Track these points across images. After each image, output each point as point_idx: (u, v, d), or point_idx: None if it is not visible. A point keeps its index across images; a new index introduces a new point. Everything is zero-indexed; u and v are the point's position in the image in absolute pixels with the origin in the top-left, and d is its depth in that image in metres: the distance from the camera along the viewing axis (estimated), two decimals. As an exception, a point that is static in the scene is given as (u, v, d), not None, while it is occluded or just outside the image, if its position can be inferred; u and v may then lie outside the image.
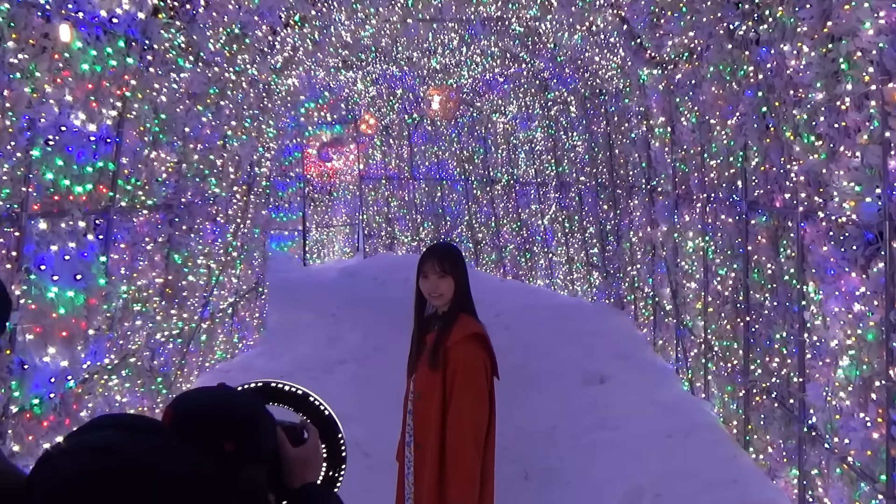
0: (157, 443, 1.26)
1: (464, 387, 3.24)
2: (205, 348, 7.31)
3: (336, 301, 11.78)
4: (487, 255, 14.16)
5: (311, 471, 1.59)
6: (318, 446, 1.64)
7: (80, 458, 1.20)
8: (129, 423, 1.29)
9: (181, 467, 1.23)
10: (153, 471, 1.20)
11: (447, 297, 3.38)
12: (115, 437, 1.24)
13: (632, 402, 6.46)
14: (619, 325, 9.12)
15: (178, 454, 1.25)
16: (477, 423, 3.24)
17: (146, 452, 1.22)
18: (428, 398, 3.31)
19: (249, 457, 1.36)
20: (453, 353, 3.28)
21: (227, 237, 7.66)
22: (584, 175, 10.64)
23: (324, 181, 16.71)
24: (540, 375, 7.62)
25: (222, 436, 1.33)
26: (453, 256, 3.43)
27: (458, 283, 3.38)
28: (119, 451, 1.21)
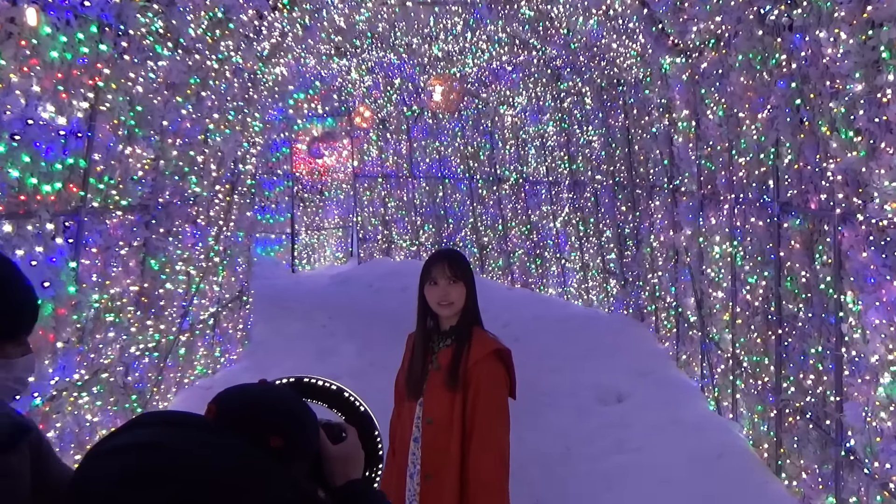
0: (205, 438, 1.34)
1: (488, 410, 3.19)
2: (183, 363, 7.32)
3: (328, 311, 11.78)
4: (494, 261, 14.16)
5: (354, 468, 1.69)
6: (358, 444, 1.73)
7: (130, 455, 1.28)
8: (174, 420, 1.38)
9: (232, 461, 1.31)
10: (205, 465, 1.28)
11: (458, 306, 3.34)
12: (163, 433, 1.33)
13: (652, 423, 6.46)
14: (639, 339, 9.12)
15: (228, 448, 1.33)
16: (505, 451, 3.20)
17: (197, 447, 1.30)
18: (444, 424, 3.24)
19: (295, 453, 1.46)
20: (475, 372, 3.22)
21: (208, 241, 7.67)
22: (599, 173, 10.65)
23: (314, 179, 16.73)
24: (552, 393, 7.62)
25: (269, 430, 1.43)
26: (463, 261, 3.42)
27: (469, 290, 3.36)
28: (169, 447, 1.29)
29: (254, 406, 1.49)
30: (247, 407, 1.48)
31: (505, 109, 13.23)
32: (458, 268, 3.34)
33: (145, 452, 1.29)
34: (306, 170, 16.65)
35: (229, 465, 1.31)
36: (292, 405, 1.54)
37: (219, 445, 1.34)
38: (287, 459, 1.43)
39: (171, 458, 1.29)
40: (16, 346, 1.75)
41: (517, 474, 5.81)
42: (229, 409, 1.47)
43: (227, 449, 1.34)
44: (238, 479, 1.30)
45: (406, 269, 13.80)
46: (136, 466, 1.27)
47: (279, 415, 1.49)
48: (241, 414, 1.45)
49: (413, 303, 3.56)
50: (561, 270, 12.42)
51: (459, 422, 3.21)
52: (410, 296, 3.59)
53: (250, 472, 1.32)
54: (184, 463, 1.28)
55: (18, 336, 1.75)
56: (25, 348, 1.77)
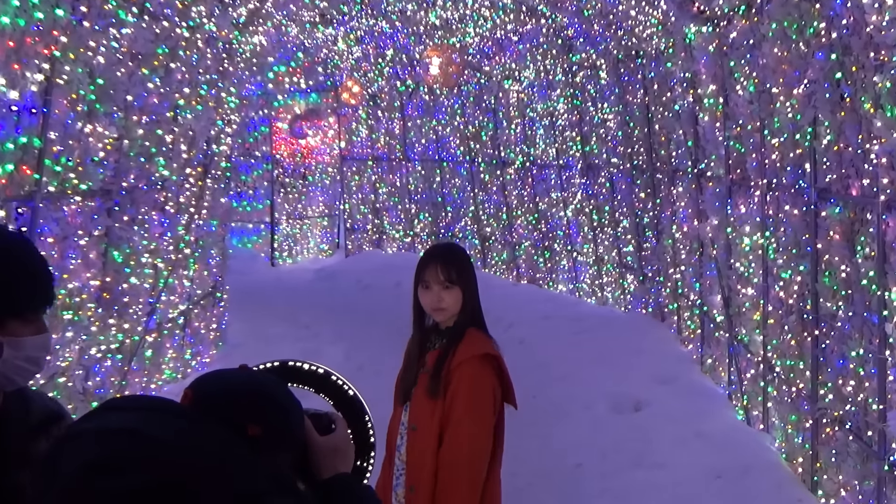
0: (180, 424, 1.41)
1: (463, 416, 3.24)
2: (150, 366, 7.32)
3: (311, 309, 11.78)
4: (497, 255, 14.17)
5: (342, 461, 1.76)
6: (347, 436, 1.80)
7: (101, 439, 1.36)
8: (148, 405, 1.46)
9: (207, 449, 1.38)
10: (179, 453, 1.35)
11: (452, 310, 3.39)
12: (137, 418, 1.40)
13: (674, 435, 6.47)
14: (659, 341, 9.13)
15: (206, 436, 1.41)
16: (474, 463, 3.23)
17: (171, 434, 1.38)
18: (424, 431, 3.30)
19: (276, 443, 1.54)
20: (456, 375, 3.28)
21: (177, 230, 7.67)
22: (616, 156, 10.65)
23: (297, 162, 16.72)
24: (561, 402, 7.62)
25: (247, 418, 1.50)
26: (460, 260, 3.44)
27: (466, 293, 3.39)
28: (143, 433, 1.36)
29: (231, 392, 1.55)
30: (224, 393, 1.55)
31: (510, 84, 13.22)
32: (454, 269, 3.38)
33: (118, 437, 1.36)
34: (288, 151, 16.63)
35: (204, 452, 1.38)
36: (274, 392, 1.60)
37: (194, 432, 1.41)
38: (266, 449, 1.50)
39: (145, 444, 1.35)
40: (24, 324, 1.85)
41: (523, 492, 5.84)
42: (206, 394, 1.54)
43: (202, 436, 1.41)
44: (212, 468, 1.36)
45: (399, 262, 13.79)
46: (107, 451, 1.33)
47: (259, 402, 1.56)
48: (218, 400, 1.53)
49: (407, 300, 3.57)
50: (572, 265, 12.42)
51: (437, 430, 3.26)
52: (404, 292, 3.60)
53: (225, 461, 1.39)
54: (157, 450, 1.34)
55: (24, 313, 1.85)
56: (36, 327, 1.87)
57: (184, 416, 1.46)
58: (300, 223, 16.80)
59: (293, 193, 16.67)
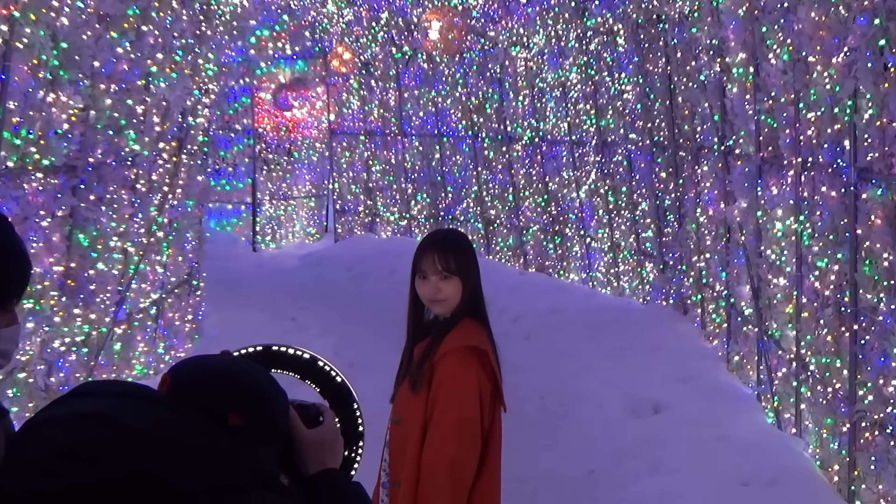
0: (157, 412, 1.45)
1: (443, 415, 3.29)
2: (119, 361, 7.33)
3: (297, 300, 11.78)
4: (502, 240, 14.17)
5: (329, 455, 1.80)
6: (335, 429, 1.84)
7: (72, 426, 1.37)
8: (122, 391, 1.49)
9: (188, 440, 1.41)
10: (155, 442, 1.38)
11: (452, 303, 3.44)
12: (110, 404, 1.43)
13: (696, 440, 6.49)
14: (681, 336, 9.15)
15: (183, 426, 1.44)
16: (457, 464, 3.27)
17: (149, 423, 1.41)
18: (407, 425, 3.39)
19: (259, 435, 1.57)
20: (439, 368, 3.34)
21: (149, 211, 7.67)
22: (634, 131, 10.64)
23: (281, 137, 16.70)
24: (572, 403, 7.63)
25: (228, 407, 1.54)
26: (461, 248, 3.48)
27: (467, 284, 3.43)
28: (117, 420, 1.39)
29: (212, 379, 1.60)
30: (204, 380, 1.60)
31: (518, 52, 13.18)
32: (452, 259, 3.41)
33: (89, 424, 1.38)
34: (271, 125, 16.60)
35: (181, 443, 1.40)
36: (257, 380, 1.64)
37: (171, 421, 1.44)
38: (249, 441, 1.53)
39: (119, 431, 1.37)
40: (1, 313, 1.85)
41: (529, 500, 5.86)
42: (185, 381, 1.58)
43: (179, 426, 1.44)
44: (190, 460, 1.39)
45: (394, 248, 13.79)
46: (77, 438, 1.36)
47: (241, 390, 1.60)
48: (198, 388, 1.57)
49: (403, 289, 3.59)
50: (585, 251, 12.42)
51: (420, 425, 3.33)
52: (399, 281, 3.62)
53: (203, 453, 1.42)
54: (132, 438, 1.37)
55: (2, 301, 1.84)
56: (11, 318, 1.86)
57: (160, 404, 1.49)
58: (285, 204, 16.78)
59: (277, 171, 16.65)
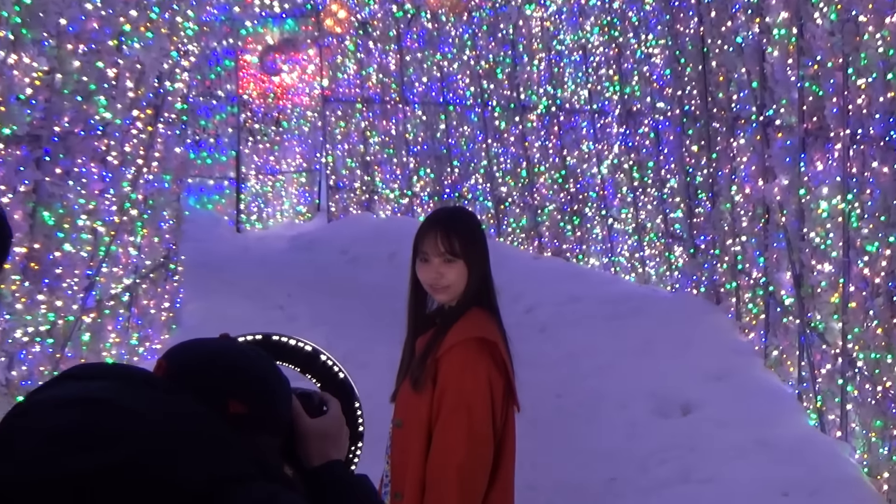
0: (156, 396, 1.49)
1: (452, 414, 3.29)
2: (88, 353, 7.33)
3: (286, 286, 11.79)
4: (515, 221, 14.16)
5: (335, 446, 1.87)
6: (341, 418, 1.91)
7: (65, 410, 1.42)
8: (117, 373, 1.54)
9: (189, 426, 1.46)
10: (155, 428, 1.42)
11: (456, 289, 3.43)
12: (106, 388, 1.47)
13: (730, 443, 6.49)
14: (713, 328, 9.14)
15: (184, 411, 1.49)
16: (467, 473, 3.27)
17: (146, 407, 1.45)
18: (409, 428, 3.39)
19: (260, 423, 1.63)
20: (444, 363, 3.34)
21: (122, 187, 7.65)
22: (663, 100, 10.61)
23: (269, 104, 16.67)
24: (593, 402, 7.63)
25: (228, 394, 1.60)
26: (467, 228, 3.48)
27: (473, 268, 3.43)
28: (115, 404, 1.43)
29: (212, 363, 1.66)
30: (203, 364, 1.65)
31: (532, 10, 13.15)
32: (457, 240, 3.41)
33: (83, 408, 1.42)
34: (257, 91, 16.57)
35: (182, 429, 1.45)
36: (260, 366, 1.71)
37: (170, 405, 1.49)
38: (249, 430, 1.58)
39: (117, 416, 1.42)
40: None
41: (545, 511, 5.85)
42: (182, 366, 1.64)
43: (179, 410, 1.49)
44: (189, 446, 1.44)
45: (393, 229, 13.78)
46: (72, 423, 1.40)
47: (242, 376, 1.66)
48: (196, 372, 1.62)
49: (403, 275, 3.58)
50: (607, 234, 12.41)
51: (425, 427, 3.34)
52: (399, 266, 3.61)
53: (204, 439, 1.47)
54: (131, 423, 1.42)
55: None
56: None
57: (159, 388, 1.53)
58: (272, 180, 16.77)
59: (264, 143, 16.63)
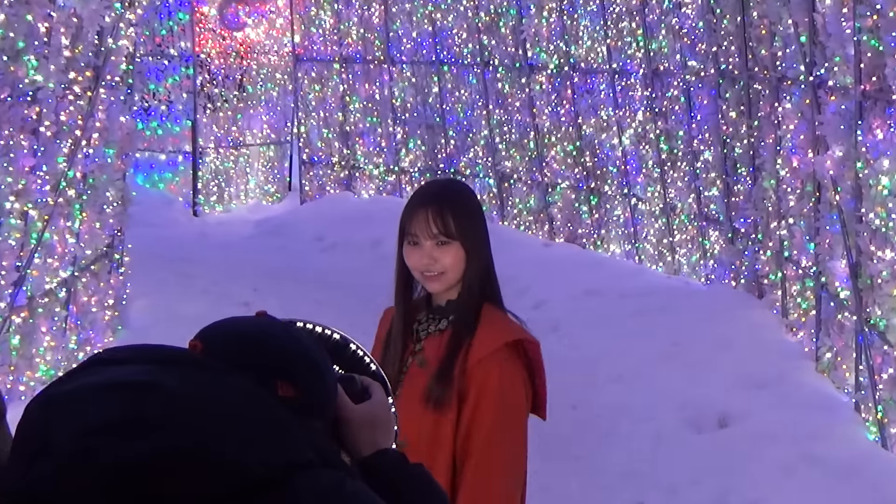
0: (204, 377, 1.55)
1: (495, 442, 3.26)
2: (18, 359, 7.32)
3: (252, 279, 11.79)
4: (521, 201, 14.16)
5: (383, 434, 1.95)
6: (387, 403, 2.00)
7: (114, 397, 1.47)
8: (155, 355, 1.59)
9: (246, 409, 1.53)
10: (208, 410, 1.48)
11: (451, 277, 3.40)
12: (147, 370, 1.53)
13: (776, 462, 6.51)
14: (755, 326, 9.15)
15: (238, 393, 1.55)
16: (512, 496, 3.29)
17: (201, 390, 1.51)
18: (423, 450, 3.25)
19: (309, 407, 1.69)
20: (477, 375, 3.30)
21: (57, 163, 7.64)
22: (695, 58, 10.60)
23: (230, 65, 16.65)
24: (614, 414, 7.64)
25: (276, 374, 1.65)
26: (461, 204, 3.46)
27: (472, 252, 3.40)
28: (159, 388, 1.48)
29: (254, 343, 1.71)
30: (244, 344, 1.70)
31: (541, -48, 13.14)
32: (452, 218, 3.38)
33: (122, 394, 1.47)
34: (217, 49, 16.55)
35: (239, 412, 1.51)
36: (304, 344, 1.77)
37: (220, 387, 1.54)
38: (300, 415, 1.62)
39: (167, 400, 1.47)
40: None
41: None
42: (220, 345, 1.67)
43: (234, 393, 1.54)
44: (251, 431, 1.49)
45: (378, 211, 13.78)
46: (111, 411, 1.44)
47: (288, 355, 1.72)
48: (238, 353, 1.66)
49: (390, 265, 3.57)
50: (630, 216, 12.42)
51: (449, 450, 3.30)
52: (385, 255, 3.60)
53: (264, 422, 1.53)
54: (184, 407, 1.47)
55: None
56: None
57: (205, 368, 1.57)
58: (235, 154, 16.76)
59: (225, 111, 16.61)
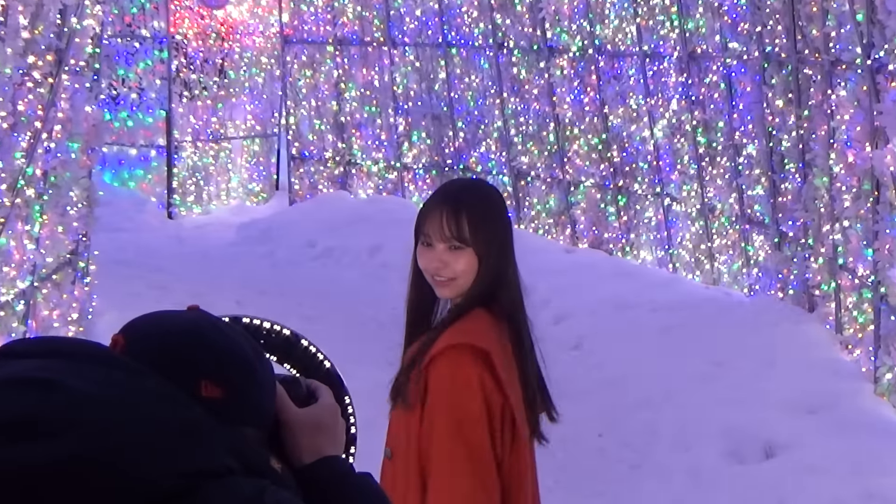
0: (114, 376, 1.54)
1: (446, 438, 3.36)
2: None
3: (234, 290, 11.80)
4: (539, 202, 14.16)
5: (329, 440, 1.95)
6: (335, 408, 2.00)
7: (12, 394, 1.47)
8: (64, 349, 1.59)
9: (157, 411, 1.51)
10: (115, 413, 1.47)
11: (462, 285, 3.49)
12: (51, 366, 1.53)
13: (828, 496, 6.51)
14: (806, 343, 9.13)
15: (149, 393, 1.54)
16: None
17: (107, 389, 1.50)
18: (399, 459, 3.47)
19: (238, 410, 1.68)
20: (432, 375, 3.41)
21: (14, 159, 7.66)
22: (737, 39, 10.60)
23: (210, 48, 16.68)
24: (645, 444, 7.64)
25: (201, 374, 1.65)
26: (482, 208, 3.54)
27: (485, 260, 3.48)
28: (64, 386, 1.48)
29: (178, 338, 1.70)
30: (168, 339, 1.69)
31: (562, -81, 13.17)
32: (467, 221, 3.46)
33: (22, 391, 1.47)
34: (194, 30, 16.58)
35: (148, 414, 1.50)
36: (236, 342, 1.75)
37: (133, 387, 1.53)
38: (227, 419, 1.62)
39: (68, 399, 1.46)
40: None
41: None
42: (142, 340, 1.68)
43: (144, 392, 1.53)
44: (160, 435, 1.48)
45: (378, 214, 13.79)
46: (16, 409, 1.44)
47: (216, 352, 1.70)
48: (160, 348, 1.66)
49: (390, 274, 3.58)
50: (663, 218, 12.42)
51: (415, 457, 3.42)
52: (386, 263, 3.63)
53: (174, 426, 1.51)
54: (86, 408, 1.46)
55: None
56: None
57: (119, 366, 1.56)
58: (215, 148, 16.78)
59: (204, 99, 16.63)
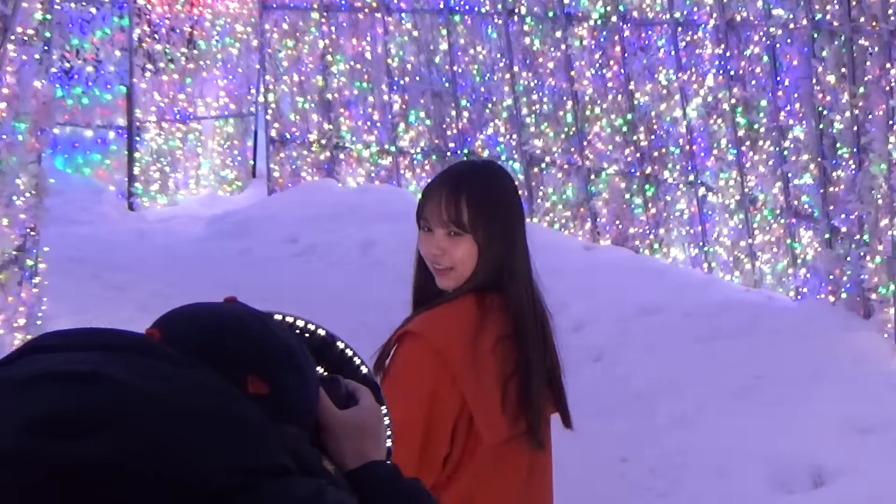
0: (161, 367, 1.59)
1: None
2: None
3: (205, 291, 11.66)
4: (555, 192, 14.18)
5: (373, 443, 2.01)
6: (378, 410, 2.07)
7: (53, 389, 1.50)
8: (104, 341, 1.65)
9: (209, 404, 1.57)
10: (170, 407, 1.52)
11: (461, 274, 3.57)
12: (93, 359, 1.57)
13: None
14: (860, 354, 9.14)
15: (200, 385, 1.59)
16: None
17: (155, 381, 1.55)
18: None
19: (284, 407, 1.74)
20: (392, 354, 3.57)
21: (-48, 141, 7.68)
22: (782, 5, 10.60)
23: (177, 14, 16.69)
24: (676, 468, 7.65)
25: (247, 369, 1.71)
26: (485, 192, 3.61)
27: (485, 249, 3.54)
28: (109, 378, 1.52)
29: (222, 331, 1.77)
30: (211, 332, 1.76)
31: None
32: (467, 206, 3.53)
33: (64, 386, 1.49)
34: (160, -6, 16.61)
35: (199, 408, 1.54)
36: (281, 337, 1.82)
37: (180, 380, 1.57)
38: (273, 417, 1.65)
39: (116, 393, 1.50)
40: None
41: None
42: (182, 334, 1.73)
43: (194, 385, 1.58)
44: (213, 430, 1.53)
45: (370, 204, 13.80)
46: (52, 406, 1.47)
47: (262, 347, 1.77)
48: (203, 342, 1.71)
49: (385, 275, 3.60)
50: (696, 211, 12.44)
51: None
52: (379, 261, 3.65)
53: (231, 422, 1.56)
54: (132, 401, 1.50)
55: None
56: None
57: (165, 358, 1.61)
58: (183, 130, 16.79)
59: (170, 73, 16.65)
